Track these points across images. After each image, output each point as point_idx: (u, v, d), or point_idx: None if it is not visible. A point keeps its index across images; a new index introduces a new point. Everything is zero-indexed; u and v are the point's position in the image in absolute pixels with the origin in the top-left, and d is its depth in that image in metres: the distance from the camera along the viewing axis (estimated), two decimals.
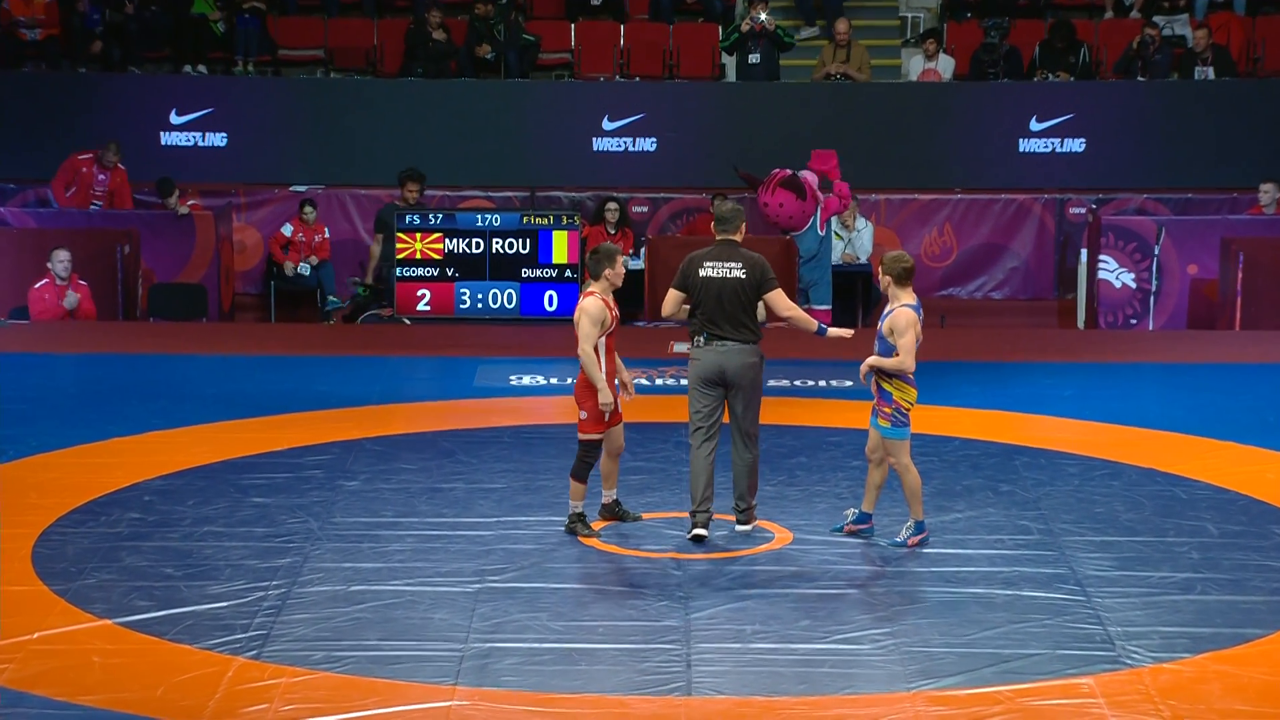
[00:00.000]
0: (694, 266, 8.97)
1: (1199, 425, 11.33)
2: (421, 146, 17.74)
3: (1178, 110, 17.81)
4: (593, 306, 8.65)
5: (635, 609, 7.68)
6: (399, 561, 8.31)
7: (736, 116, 17.95)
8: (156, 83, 18.24)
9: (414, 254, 15.55)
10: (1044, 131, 17.88)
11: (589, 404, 8.68)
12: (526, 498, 9.47)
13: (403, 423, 11.40)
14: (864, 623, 7.50)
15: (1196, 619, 7.57)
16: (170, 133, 17.85)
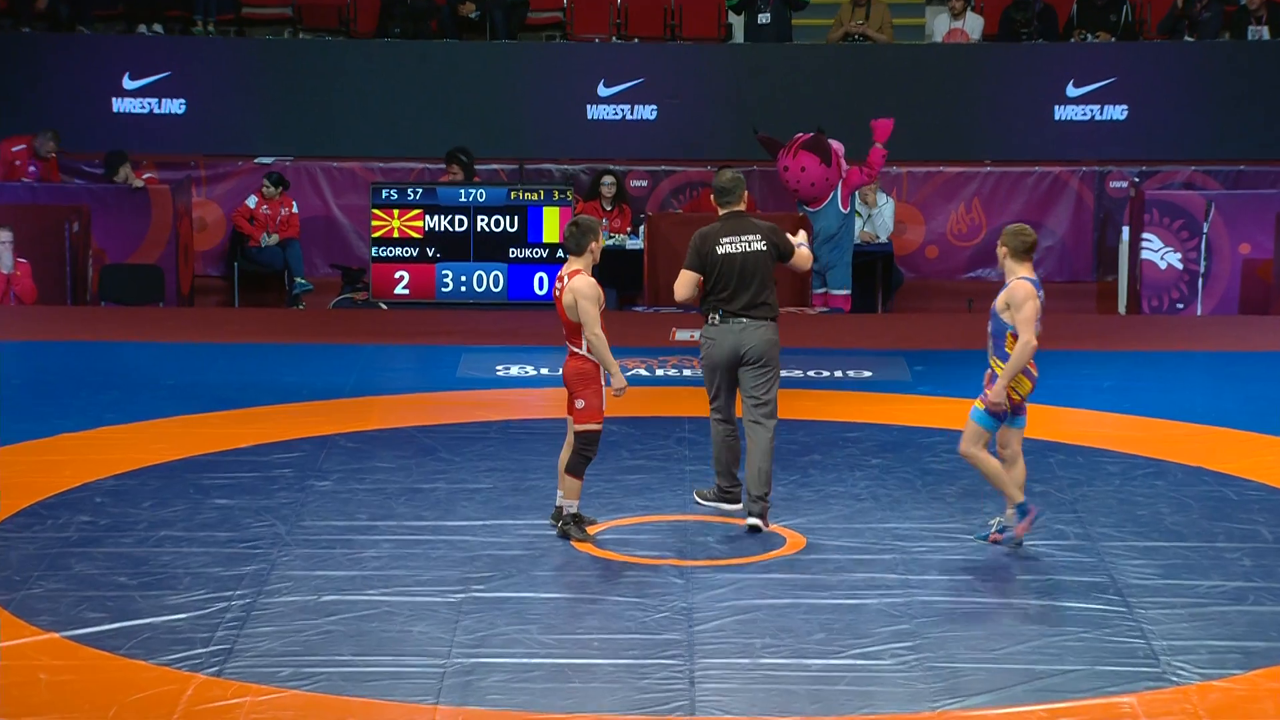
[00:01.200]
0: (709, 244, 9.06)
1: (1252, 419, 11.33)
2: (399, 114, 17.73)
3: (1229, 74, 17.80)
4: (588, 286, 8.67)
5: (633, 621, 7.69)
6: (375, 569, 8.32)
7: (744, 82, 17.94)
8: (108, 44, 18.22)
9: (391, 232, 15.56)
10: (1082, 98, 17.86)
11: (586, 392, 8.69)
12: (514, 499, 9.48)
13: (379, 417, 11.40)
14: (884, 636, 7.51)
15: (1249, 632, 7.58)
16: (123, 99, 17.84)
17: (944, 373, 12.68)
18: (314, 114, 17.81)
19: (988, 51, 18.24)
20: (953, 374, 12.59)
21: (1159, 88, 17.79)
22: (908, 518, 9.15)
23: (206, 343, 13.80)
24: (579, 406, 8.71)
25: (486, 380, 12.57)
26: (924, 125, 17.77)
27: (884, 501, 9.48)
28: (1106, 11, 18.49)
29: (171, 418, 11.18)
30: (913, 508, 9.33)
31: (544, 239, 15.53)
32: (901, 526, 9.00)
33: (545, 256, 15.52)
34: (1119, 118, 17.81)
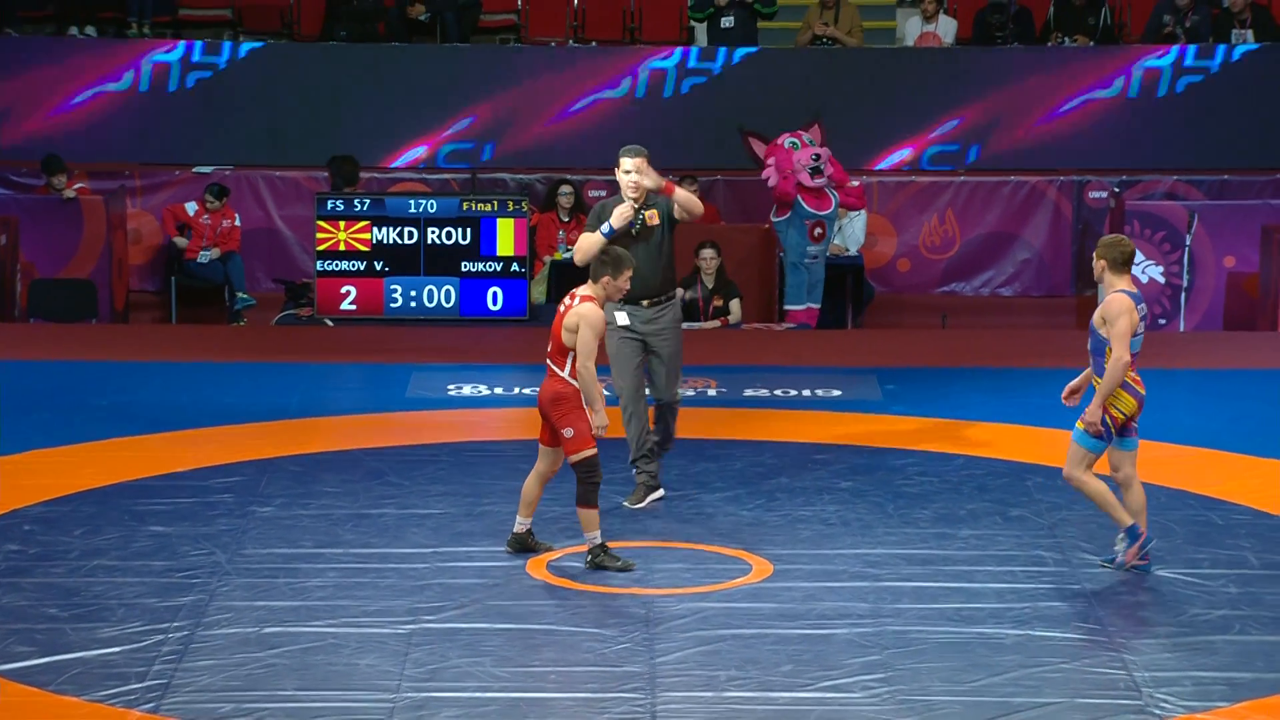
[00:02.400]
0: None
1: (1237, 440, 11.39)
2: (345, 121, 17.71)
3: (1212, 80, 17.91)
4: (595, 316, 8.66)
5: (592, 652, 7.68)
6: (320, 599, 8.29)
7: (708, 87, 17.97)
8: (38, 46, 18.15)
9: (337, 245, 15.53)
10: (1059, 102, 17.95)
11: (570, 419, 8.63)
12: (467, 525, 9.47)
13: (324, 439, 11.37)
14: (854, 667, 7.52)
15: (1235, 663, 7.61)
16: (53, 104, 17.76)
17: (917, 392, 12.72)
18: (255, 121, 17.77)
19: (961, 56, 18.32)
20: (926, 393, 12.63)
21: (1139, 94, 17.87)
22: (879, 543, 9.17)
23: (142, 361, 13.74)
24: (567, 435, 8.65)
25: (437, 400, 12.54)
26: (895, 132, 17.84)
27: (854, 526, 9.49)
28: (1085, 14, 18.59)
29: (105, 440, 11.14)
30: (884, 533, 9.35)
31: (498, 252, 15.52)
32: (873, 553, 9.02)
33: (499, 270, 15.51)
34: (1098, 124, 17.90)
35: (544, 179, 17.47)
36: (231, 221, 16.75)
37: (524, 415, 12.28)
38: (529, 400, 12.60)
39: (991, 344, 15.01)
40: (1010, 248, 17.68)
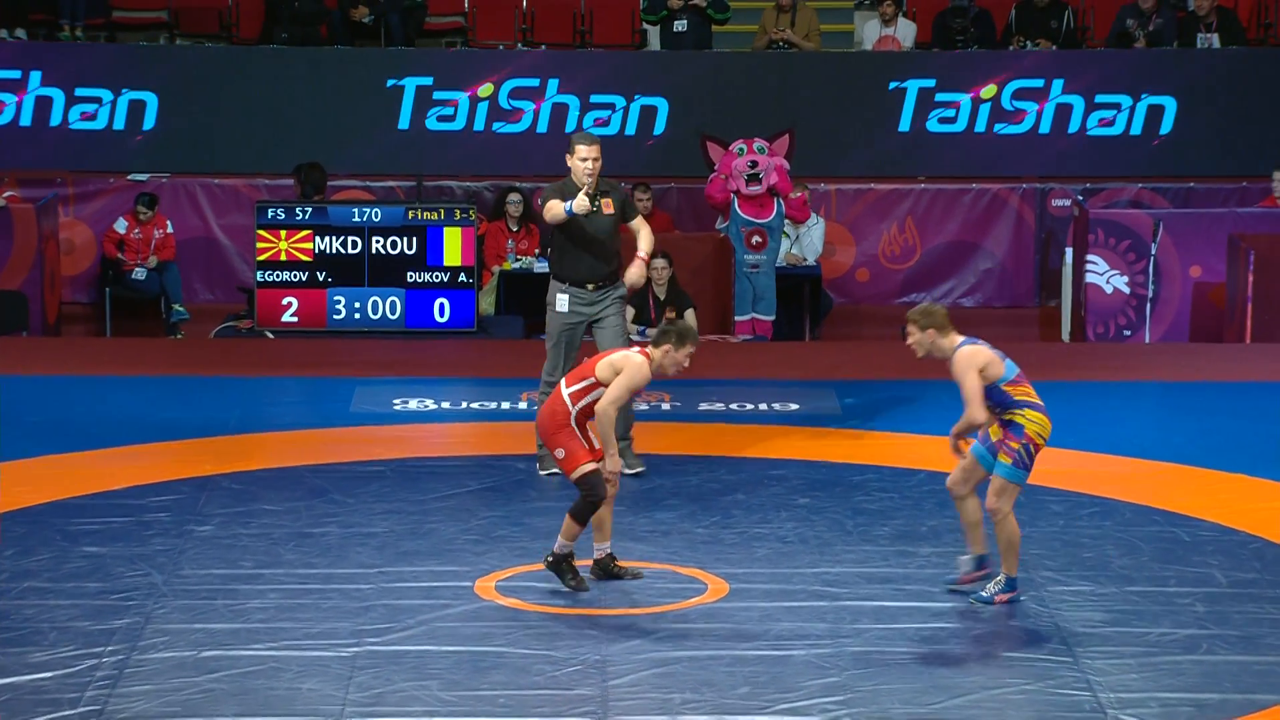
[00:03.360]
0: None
1: (1204, 455, 11.46)
2: (286, 126, 17.68)
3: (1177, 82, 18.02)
4: (642, 373, 8.55)
5: (543, 675, 7.67)
6: (260, 621, 8.27)
7: (661, 93, 18.00)
8: None
9: (278, 255, 15.49)
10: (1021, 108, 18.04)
11: (559, 439, 8.57)
12: (413, 544, 9.45)
13: (265, 456, 11.34)
14: (813, 689, 7.53)
15: (1202, 683, 7.65)
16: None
17: (876, 405, 12.75)
18: (192, 127, 17.72)
19: (921, 60, 18.39)
20: (885, 407, 12.66)
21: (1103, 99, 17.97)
22: (838, 561, 9.19)
23: (75, 375, 13.68)
24: (559, 456, 8.63)
25: (382, 415, 12.52)
26: (853, 139, 17.90)
27: (812, 544, 9.51)
28: (1047, 17, 18.70)
29: (36, 458, 11.08)
30: (843, 550, 9.37)
31: (444, 262, 15.50)
32: (831, 571, 9.04)
33: (446, 281, 15.50)
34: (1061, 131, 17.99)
35: (492, 187, 17.46)
36: (164, 230, 16.70)
37: (472, 430, 12.27)
38: (477, 415, 12.61)
39: None
40: (972, 257, 17.76)
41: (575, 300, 10.65)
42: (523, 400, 12.85)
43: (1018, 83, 17.97)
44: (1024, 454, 8.44)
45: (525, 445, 11.53)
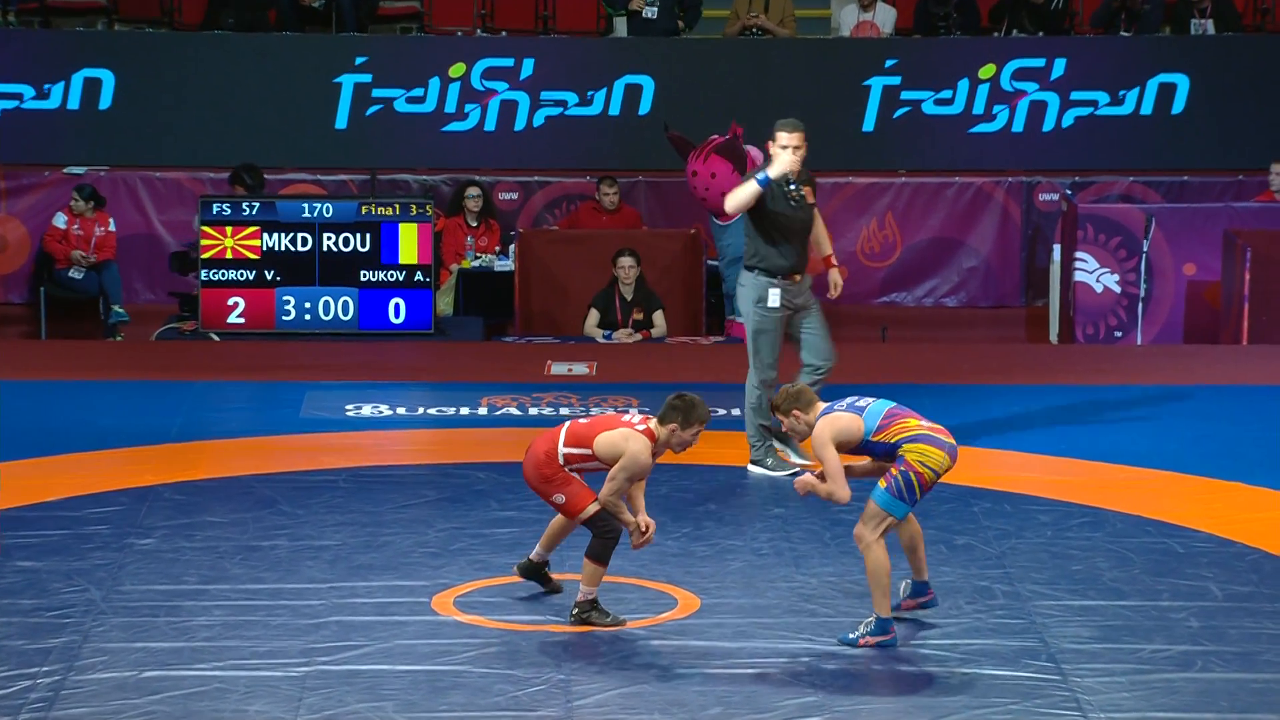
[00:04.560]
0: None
1: (1199, 462, 11.50)
2: (232, 117, 17.63)
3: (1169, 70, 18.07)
4: (643, 459, 8.44)
5: (504, 696, 7.67)
6: (205, 640, 8.25)
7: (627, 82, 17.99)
8: None
9: (223, 253, 15.46)
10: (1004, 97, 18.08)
11: (556, 484, 8.53)
12: (367, 557, 9.44)
13: (210, 464, 11.32)
14: (789, 709, 7.54)
15: (1197, 702, 7.68)
16: None
17: None
18: (133, 117, 17.67)
19: (901, 47, 18.43)
20: None
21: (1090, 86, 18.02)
22: (814, 574, 9.20)
23: (8, 380, 13.62)
24: (559, 503, 8.55)
25: (334, 422, 12.50)
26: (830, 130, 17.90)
27: (788, 556, 9.52)
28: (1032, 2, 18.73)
29: None
30: (820, 563, 9.39)
31: (400, 260, 15.48)
32: (808, 584, 9.05)
33: (401, 280, 15.48)
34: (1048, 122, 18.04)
35: (450, 180, 17.44)
36: (106, 228, 16.65)
37: (429, 437, 12.27)
38: (433, 421, 12.61)
39: (935, 359, 15.09)
40: (955, 255, 17.79)
41: (786, 293, 10.85)
42: (483, 405, 12.85)
43: (1004, 70, 18.01)
44: (901, 482, 8.22)
45: (486, 453, 11.53)
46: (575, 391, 13.25)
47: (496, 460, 11.31)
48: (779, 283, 10.86)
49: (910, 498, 8.26)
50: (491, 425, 12.48)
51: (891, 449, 8.30)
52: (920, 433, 8.33)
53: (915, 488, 8.25)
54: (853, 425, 8.34)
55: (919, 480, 8.24)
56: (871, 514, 8.28)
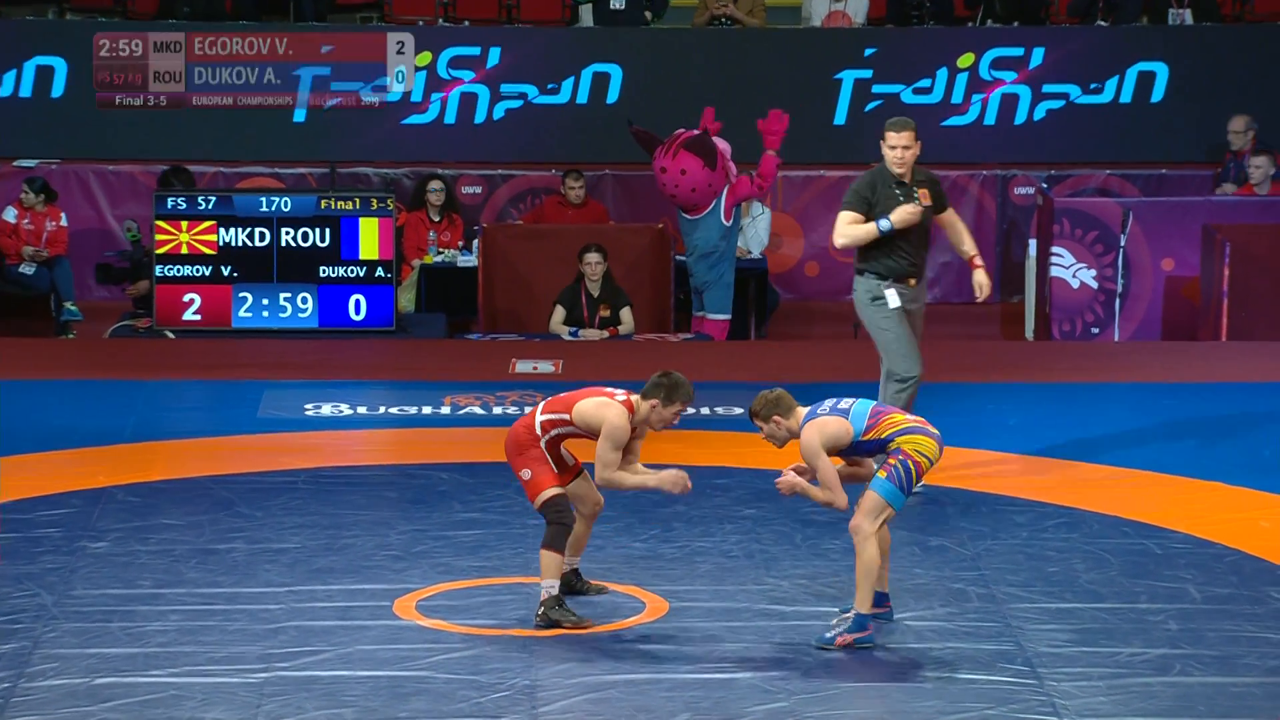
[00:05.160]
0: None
1: (1178, 461, 11.53)
2: (188, 110, 17.58)
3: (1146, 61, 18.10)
4: (619, 430, 8.44)
5: (467, 702, 7.67)
6: (160, 646, 8.23)
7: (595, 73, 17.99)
8: None
9: (179, 248, 15.41)
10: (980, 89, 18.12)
11: (521, 461, 8.54)
12: (326, 560, 9.43)
13: (165, 465, 11.29)
14: (758, 715, 7.55)
15: (1175, 707, 7.70)
16: None
17: None
18: (85, 109, 17.61)
19: (873, 37, 18.45)
20: None
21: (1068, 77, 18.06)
22: (785, 577, 9.21)
23: None
24: (525, 478, 8.56)
25: (293, 421, 12.48)
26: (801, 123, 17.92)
27: (758, 559, 9.53)
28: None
29: None
30: (791, 566, 9.40)
31: (360, 255, 15.46)
32: (779, 587, 9.06)
33: (361, 276, 15.45)
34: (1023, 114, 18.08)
35: (411, 174, 17.41)
36: (57, 223, 16.58)
37: (389, 437, 12.25)
38: (394, 420, 12.59)
39: None
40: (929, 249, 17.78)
41: (903, 296, 10.72)
42: (446, 404, 12.84)
43: (978, 62, 18.04)
44: (901, 471, 8.26)
45: (449, 453, 11.52)
46: (540, 390, 13.22)
47: (460, 461, 11.30)
48: (893, 285, 10.67)
49: (909, 488, 8.32)
50: (455, 425, 12.46)
51: (883, 444, 8.35)
52: (910, 425, 8.40)
53: (914, 476, 8.31)
54: (841, 430, 8.37)
55: (916, 469, 8.31)
56: (872, 505, 8.31)
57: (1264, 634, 8.49)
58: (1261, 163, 16.78)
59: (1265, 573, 9.37)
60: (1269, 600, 8.96)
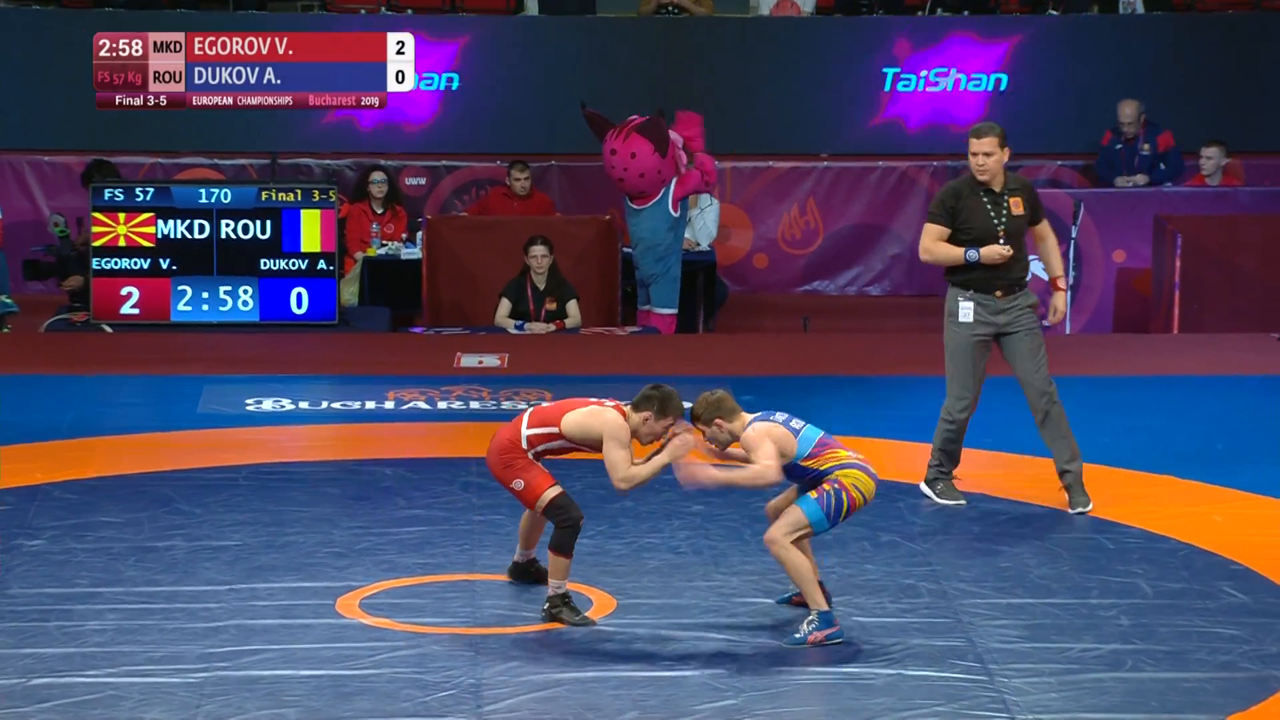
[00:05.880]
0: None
1: (1129, 454, 11.58)
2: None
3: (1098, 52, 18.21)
4: (622, 432, 8.44)
5: (412, 701, 7.66)
6: (97, 645, 8.20)
7: (540, 62, 17.99)
8: None
9: (116, 240, 15.35)
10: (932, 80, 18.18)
11: (515, 470, 8.52)
12: (268, 558, 9.41)
13: (103, 462, 11.24)
14: (707, 713, 7.56)
15: (1126, 703, 7.74)
16: None
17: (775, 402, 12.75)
18: (18, 98, 17.53)
19: (822, 27, 18.49)
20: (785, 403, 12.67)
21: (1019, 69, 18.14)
22: (734, 573, 9.22)
23: None
24: (518, 489, 8.55)
25: (234, 417, 12.45)
26: (749, 114, 17.97)
27: (707, 555, 9.54)
28: None
29: None
30: (740, 562, 9.41)
31: (302, 248, 15.41)
32: (728, 583, 9.07)
33: (303, 269, 15.41)
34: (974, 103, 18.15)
35: (354, 165, 17.38)
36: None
37: (332, 433, 12.22)
38: (337, 416, 12.57)
39: (858, 349, 15.15)
40: (879, 241, 17.87)
41: (981, 309, 10.30)
42: (389, 399, 12.82)
43: (928, 51, 18.10)
44: (834, 499, 8.30)
45: (392, 449, 11.51)
46: (486, 385, 13.24)
47: (404, 456, 11.29)
48: (972, 296, 10.32)
49: (836, 518, 8.34)
50: (398, 420, 12.45)
51: (819, 476, 8.37)
52: (853, 461, 8.42)
53: (844, 508, 8.33)
54: (787, 441, 8.40)
55: (849, 502, 8.33)
56: (793, 520, 8.33)
57: (1215, 629, 8.53)
58: (1213, 154, 16.87)
59: (1217, 567, 9.42)
60: (1221, 595, 9.01)
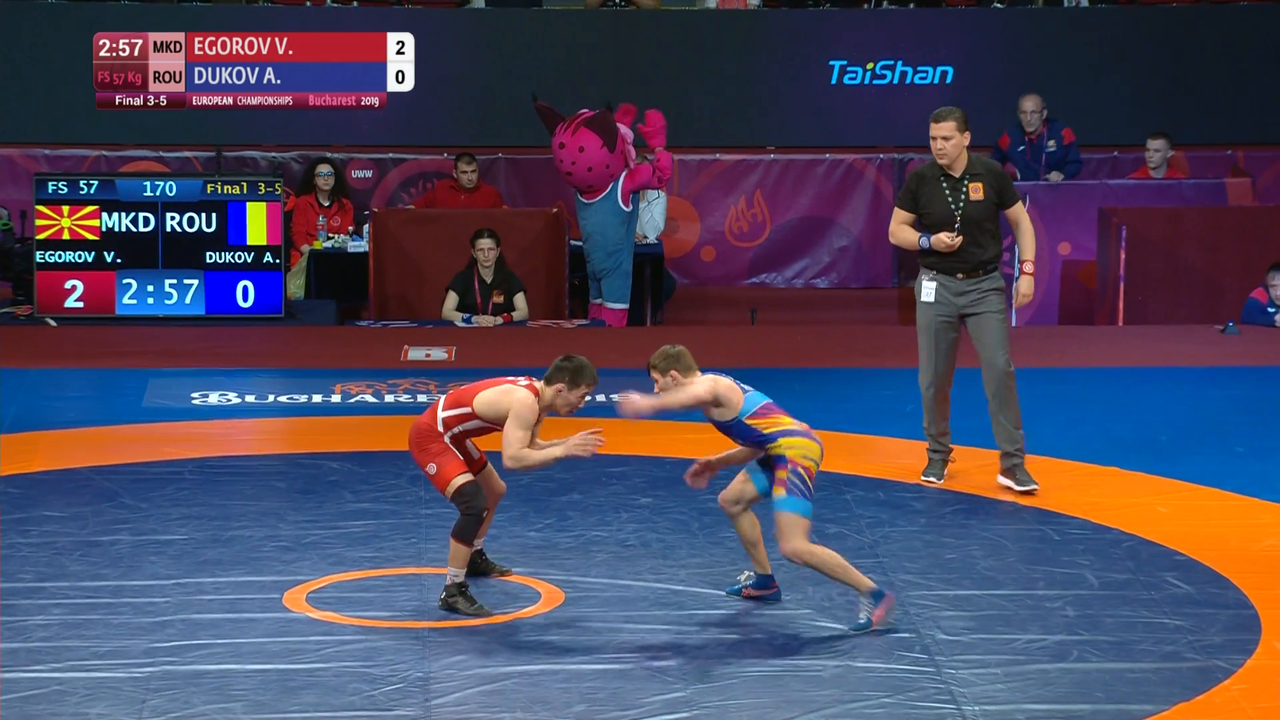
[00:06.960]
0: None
1: (1074, 447, 11.64)
2: (70, 90, 17.44)
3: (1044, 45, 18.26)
4: (528, 410, 8.44)
5: (359, 695, 7.65)
6: (42, 640, 8.17)
7: (486, 54, 17.98)
8: None
9: (60, 233, 15.29)
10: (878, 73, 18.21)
11: (429, 454, 8.53)
12: (214, 552, 9.39)
13: (47, 456, 11.20)
14: (655, 705, 7.57)
15: (1072, 693, 7.78)
16: None
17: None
18: None
19: (769, 19, 18.51)
20: None
21: (965, 61, 18.19)
22: (683, 566, 9.24)
23: None
24: (430, 473, 8.57)
25: (179, 410, 12.42)
26: (696, 106, 17.98)
27: (655, 548, 9.56)
28: None
29: None
30: (688, 554, 9.43)
31: (248, 241, 15.38)
32: (676, 575, 9.09)
33: (249, 262, 15.38)
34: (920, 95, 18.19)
35: (300, 157, 17.33)
36: None
37: (278, 426, 12.20)
38: (283, 409, 12.54)
39: (806, 342, 15.19)
40: (826, 234, 17.91)
41: (943, 290, 10.45)
42: (336, 392, 12.80)
43: (875, 43, 18.13)
44: (796, 481, 8.37)
45: (339, 442, 11.49)
46: (433, 378, 13.23)
47: (351, 450, 11.28)
48: (936, 276, 10.49)
49: (810, 492, 8.41)
50: (345, 413, 12.43)
51: (762, 439, 8.42)
52: (794, 428, 8.48)
53: (808, 481, 8.40)
54: (733, 392, 8.48)
55: (806, 473, 8.40)
56: (788, 526, 8.38)
57: (1160, 619, 8.59)
58: (1158, 146, 16.95)
59: (1161, 558, 9.48)
60: (1165, 586, 9.06)
